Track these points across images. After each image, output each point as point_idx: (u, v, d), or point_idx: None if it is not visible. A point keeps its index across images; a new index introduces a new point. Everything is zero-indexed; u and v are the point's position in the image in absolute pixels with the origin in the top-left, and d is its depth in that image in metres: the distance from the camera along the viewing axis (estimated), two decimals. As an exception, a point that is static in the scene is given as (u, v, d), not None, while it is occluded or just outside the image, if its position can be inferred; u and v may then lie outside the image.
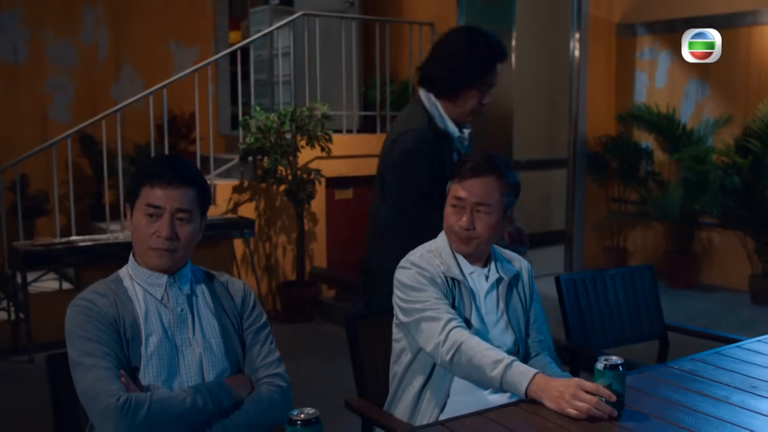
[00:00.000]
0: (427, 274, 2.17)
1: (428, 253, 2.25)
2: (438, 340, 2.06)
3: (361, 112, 6.90)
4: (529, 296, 2.32)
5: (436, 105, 2.78)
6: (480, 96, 2.76)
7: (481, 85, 2.74)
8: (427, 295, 2.14)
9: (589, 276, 3.09)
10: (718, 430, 1.79)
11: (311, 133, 5.67)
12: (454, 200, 2.20)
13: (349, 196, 6.54)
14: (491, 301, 2.24)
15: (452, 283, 2.19)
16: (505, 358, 1.96)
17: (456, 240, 2.22)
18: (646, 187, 6.97)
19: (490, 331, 2.20)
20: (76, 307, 1.89)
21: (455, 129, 2.79)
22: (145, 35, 6.62)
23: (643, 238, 7.20)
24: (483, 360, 1.98)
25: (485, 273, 2.25)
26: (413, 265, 2.20)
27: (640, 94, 7.13)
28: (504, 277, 2.25)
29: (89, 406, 1.78)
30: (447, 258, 2.23)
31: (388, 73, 6.75)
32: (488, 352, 1.99)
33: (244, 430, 1.92)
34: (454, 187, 2.21)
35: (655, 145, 6.88)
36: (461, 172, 2.20)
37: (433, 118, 2.77)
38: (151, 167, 1.92)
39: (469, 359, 2.00)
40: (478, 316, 2.20)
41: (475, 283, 2.24)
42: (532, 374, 1.92)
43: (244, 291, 2.09)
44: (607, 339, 3.00)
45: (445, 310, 2.11)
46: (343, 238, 6.48)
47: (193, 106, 6.08)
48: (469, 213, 2.18)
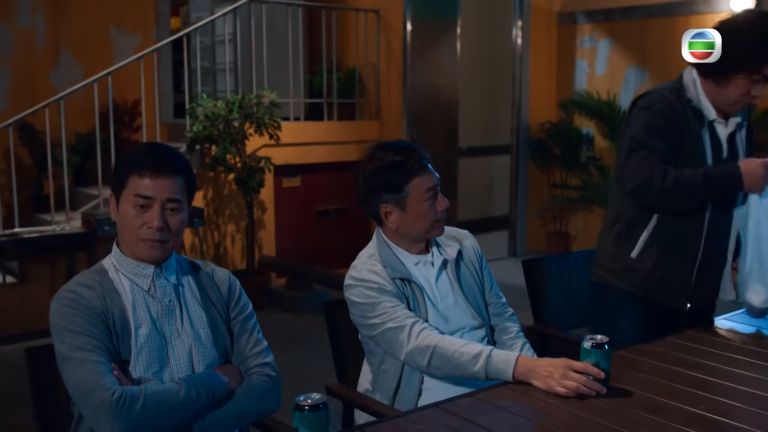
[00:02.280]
0: (374, 285, 2.17)
1: (368, 259, 2.25)
2: (409, 348, 2.09)
3: (308, 99, 6.87)
4: (478, 265, 2.36)
5: (695, 80, 2.51)
6: (749, 85, 2.42)
7: (753, 73, 2.41)
8: (382, 307, 2.14)
9: (554, 258, 3.17)
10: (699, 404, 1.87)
11: (260, 121, 5.62)
12: (429, 192, 2.19)
13: (297, 183, 6.51)
14: (444, 284, 2.27)
15: (402, 284, 2.20)
16: (482, 351, 2.00)
17: (438, 227, 2.25)
18: (587, 172, 7.13)
19: (450, 314, 2.23)
20: (61, 300, 1.84)
21: (711, 110, 2.48)
22: (85, 21, 6.43)
23: (585, 222, 7.37)
24: (461, 358, 2.01)
25: (430, 260, 2.28)
26: (357, 281, 2.20)
27: (581, 81, 7.28)
28: (448, 258, 2.29)
29: (82, 402, 1.73)
30: (388, 258, 2.23)
31: (335, 60, 6.72)
32: (464, 349, 2.02)
33: (236, 420, 1.91)
34: (421, 183, 2.19)
35: (595, 131, 7.05)
36: (415, 171, 2.19)
37: (686, 89, 2.50)
38: (138, 156, 1.88)
39: (446, 361, 2.04)
40: (433, 304, 2.22)
41: (423, 272, 2.26)
42: (515, 358, 1.97)
43: (230, 281, 2.07)
44: (574, 319, 3.07)
45: (405, 316, 2.12)
46: (292, 226, 6.45)
47: (135, 94, 5.97)
48: (440, 194, 2.22)
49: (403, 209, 2.20)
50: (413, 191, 2.18)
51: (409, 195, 2.18)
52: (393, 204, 2.21)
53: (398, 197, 2.19)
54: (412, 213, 2.20)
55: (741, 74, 2.41)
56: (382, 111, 6.99)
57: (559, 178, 7.37)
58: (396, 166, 2.18)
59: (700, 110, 2.48)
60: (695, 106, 2.48)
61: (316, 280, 5.87)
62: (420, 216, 2.20)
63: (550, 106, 7.47)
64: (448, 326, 2.21)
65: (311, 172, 6.56)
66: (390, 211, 2.22)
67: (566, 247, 7.34)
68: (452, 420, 1.77)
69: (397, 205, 2.20)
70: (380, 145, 2.25)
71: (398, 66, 6.86)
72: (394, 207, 2.21)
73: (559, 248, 7.23)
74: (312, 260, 6.30)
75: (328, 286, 5.80)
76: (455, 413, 1.81)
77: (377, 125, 6.96)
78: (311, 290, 5.91)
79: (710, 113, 2.48)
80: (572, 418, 1.80)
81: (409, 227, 2.23)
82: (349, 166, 6.80)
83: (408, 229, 2.23)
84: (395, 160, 2.18)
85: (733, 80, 2.43)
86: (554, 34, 7.46)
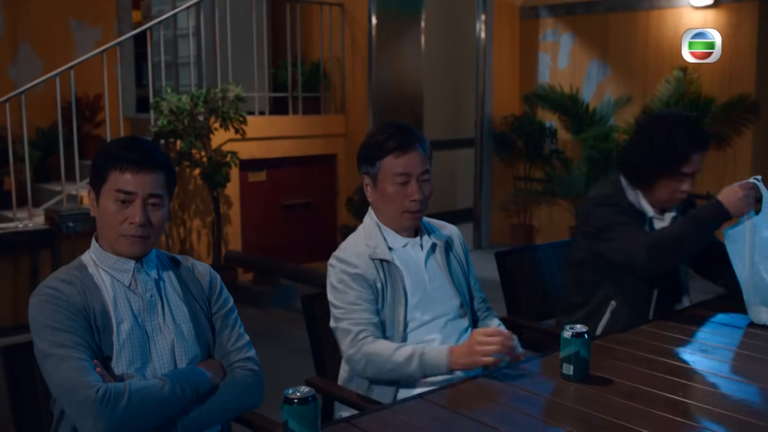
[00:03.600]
0: (352, 269, 2.20)
1: (357, 238, 2.30)
2: (347, 355, 2.17)
3: (272, 93, 6.83)
4: (464, 259, 2.42)
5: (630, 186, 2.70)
6: (675, 184, 2.58)
7: (675, 173, 2.56)
8: (347, 300, 2.18)
9: (525, 250, 3.21)
10: (677, 390, 1.92)
11: (225, 115, 5.58)
12: (401, 176, 2.21)
13: (263, 178, 6.48)
14: (432, 267, 2.30)
15: (380, 265, 2.22)
16: (414, 350, 2.06)
17: (409, 217, 2.25)
18: (550, 165, 7.22)
19: (437, 297, 2.27)
20: (41, 296, 1.81)
21: (649, 209, 2.66)
22: (44, 13, 6.30)
23: (549, 215, 7.46)
24: (395, 361, 2.07)
25: (419, 242, 2.31)
26: (339, 261, 2.24)
27: (544, 74, 7.36)
28: (437, 242, 2.33)
29: (65, 399, 1.71)
30: (374, 238, 2.27)
31: (299, 54, 6.70)
32: (397, 353, 2.08)
33: (219, 415, 1.91)
34: (393, 164, 2.20)
35: (558, 124, 7.13)
36: (391, 150, 2.21)
37: (626, 192, 2.68)
38: (118, 151, 1.85)
39: (381, 366, 2.09)
40: (420, 285, 2.25)
41: (411, 254, 2.29)
42: (446, 349, 2.03)
43: (210, 275, 2.06)
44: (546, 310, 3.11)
45: (357, 321, 2.16)
46: (258, 221, 6.42)
47: (97, 88, 5.89)
48: (416, 184, 2.22)
49: (375, 185, 2.27)
50: (383, 169, 2.23)
51: (380, 171, 2.24)
52: (370, 178, 2.28)
53: (372, 172, 2.26)
54: (380, 191, 2.25)
55: (664, 177, 2.58)
56: (348, 105, 6.99)
57: (522, 171, 7.45)
58: (378, 142, 2.25)
59: (640, 210, 2.65)
60: (636, 207, 2.64)
61: (283, 275, 5.85)
62: (387, 197, 2.24)
63: (513, 99, 7.53)
64: (435, 310, 2.24)
65: (276, 166, 6.53)
66: (368, 183, 2.30)
67: (530, 239, 7.42)
68: (436, 410, 1.79)
69: (372, 180, 2.27)
70: (385, 123, 2.37)
71: (363, 60, 6.86)
72: (370, 180, 2.28)
73: (523, 240, 7.31)
74: (278, 255, 6.28)
75: (295, 280, 5.78)
76: (438, 404, 1.83)
77: (342, 119, 6.95)
78: (278, 285, 5.89)
79: (648, 211, 2.65)
80: (554, 405, 1.83)
81: (380, 205, 2.28)
82: (315, 160, 6.81)
83: (379, 206, 2.29)
84: (380, 137, 2.25)
85: (659, 184, 2.60)
86: (517, 28, 7.53)
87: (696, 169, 2.58)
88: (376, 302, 2.20)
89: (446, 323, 2.26)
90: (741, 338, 2.34)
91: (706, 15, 6.11)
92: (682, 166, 2.54)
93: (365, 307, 2.18)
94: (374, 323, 2.17)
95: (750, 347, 2.27)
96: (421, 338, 2.21)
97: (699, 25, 6.13)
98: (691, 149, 2.54)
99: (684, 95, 6.12)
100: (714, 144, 6.09)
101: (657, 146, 2.57)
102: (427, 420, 1.74)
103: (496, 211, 7.61)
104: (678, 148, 2.54)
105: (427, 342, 2.20)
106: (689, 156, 2.54)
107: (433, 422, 1.72)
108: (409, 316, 2.22)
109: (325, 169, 6.89)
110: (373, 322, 2.17)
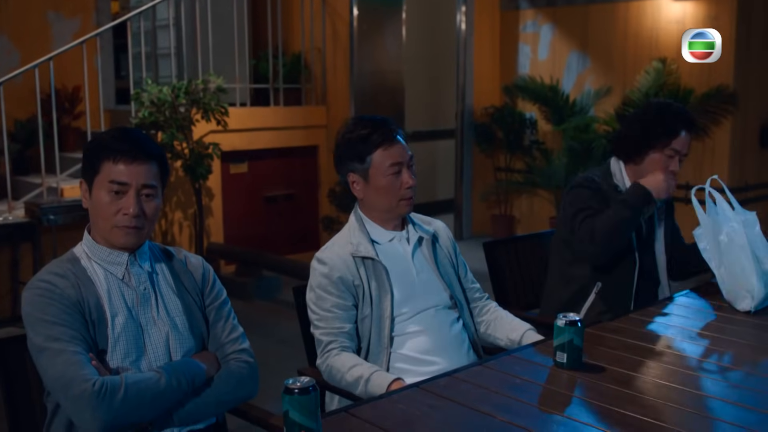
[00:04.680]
0: (331, 272, 2.22)
1: (341, 237, 2.31)
2: (318, 362, 2.22)
3: (253, 85, 6.80)
4: (452, 251, 2.44)
5: (620, 167, 2.81)
6: (665, 161, 2.70)
7: (664, 148, 2.69)
8: (322, 305, 2.21)
9: (511, 240, 3.23)
10: (669, 376, 1.94)
11: (207, 106, 5.54)
12: (393, 167, 2.23)
13: (245, 170, 6.45)
14: (420, 260, 2.32)
15: (361, 263, 2.23)
16: (362, 374, 2.09)
17: (405, 204, 2.28)
18: (531, 155, 7.25)
19: (426, 289, 2.28)
20: (35, 290, 1.80)
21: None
22: (22, 4, 6.21)
23: (530, 205, 7.50)
24: (347, 380, 2.12)
25: (405, 235, 2.33)
26: (319, 262, 2.26)
27: (524, 66, 7.39)
28: (423, 236, 2.34)
29: (62, 393, 1.70)
30: (358, 236, 2.28)
31: (280, 45, 6.67)
32: (349, 373, 2.12)
33: (214, 407, 1.91)
34: (384, 157, 2.22)
35: (539, 115, 7.16)
36: (379, 143, 2.23)
37: (613, 175, 2.80)
38: (111, 142, 1.84)
39: (338, 381, 2.15)
40: (407, 279, 2.27)
41: (398, 248, 2.31)
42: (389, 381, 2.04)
43: (203, 267, 2.06)
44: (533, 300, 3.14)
45: (330, 329, 2.20)
46: (239, 213, 6.40)
47: (75, 80, 5.82)
48: (407, 172, 2.25)
49: (367, 180, 2.26)
50: (375, 163, 2.23)
51: (371, 166, 2.24)
52: (358, 174, 2.27)
53: (362, 168, 2.25)
54: (374, 185, 2.25)
55: (654, 151, 2.70)
56: (329, 96, 6.97)
57: (503, 162, 7.48)
58: (362, 138, 2.24)
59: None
60: (621, 190, 2.74)
61: (266, 266, 5.84)
62: (382, 189, 2.25)
63: (493, 90, 7.55)
64: (423, 302, 2.25)
65: (258, 158, 6.50)
66: (356, 180, 2.29)
67: (511, 230, 7.46)
68: (433, 399, 1.80)
69: (361, 176, 2.27)
70: (356, 118, 2.35)
71: (344, 51, 6.84)
72: (359, 177, 2.27)
73: (504, 231, 7.34)
74: (260, 247, 6.27)
75: (278, 271, 5.77)
76: (435, 392, 1.84)
77: (324, 110, 6.94)
78: (261, 276, 5.88)
79: None
80: (549, 393, 1.85)
81: (373, 199, 2.28)
82: (296, 152, 6.79)
83: (372, 201, 2.28)
84: (362, 133, 2.24)
85: (649, 159, 2.71)
86: (497, 20, 7.54)
87: (684, 150, 2.71)
88: (354, 307, 2.23)
89: (435, 315, 2.27)
90: (726, 325, 2.38)
91: (685, 6, 6.16)
92: (672, 140, 2.67)
93: (338, 315, 2.21)
94: (345, 332, 2.21)
95: (735, 333, 2.30)
96: (407, 330, 2.23)
97: (678, 17, 6.19)
98: (681, 126, 2.68)
99: (663, 86, 6.18)
100: (693, 134, 6.15)
101: (649, 121, 2.71)
102: (425, 408, 1.75)
103: (477, 202, 7.64)
104: (669, 123, 2.68)
105: (411, 334, 2.23)
106: (679, 131, 2.68)
107: (431, 411, 1.74)
108: (396, 310, 2.23)
109: (307, 161, 6.88)
110: (344, 331, 2.21)
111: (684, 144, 2.70)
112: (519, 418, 1.69)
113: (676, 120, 2.68)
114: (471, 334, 2.35)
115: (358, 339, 2.24)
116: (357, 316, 2.23)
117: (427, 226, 2.41)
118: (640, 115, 2.80)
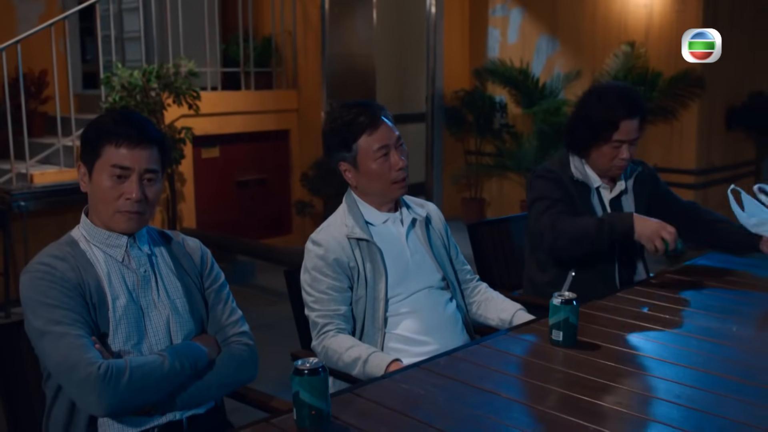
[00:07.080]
0: (326, 254, 2.22)
1: (336, 218, 2.31)
2: (314, 343, 2.23)
3: (224, 68, 6.73)
4: (444, 233, 2.46)
5: (575, 158, 2.77)
6: (613, 152, 2.65)
7: (608, 140, 2.63)
8: (318, 287, 2.22)
9: (496, 222, 3.28)
10: (662, 352, 2.00)
11: (179, 90, 5.48)
12: (381, 150, 2.23)
13: (216, 154, 6.41)
14: (413, 241, 2.34)
15: (356, 245, 2.24)
16: (360, 355, 2.10)
17: (398, 187, 2.28)
18: (501, 139, 7.31)
19: (420, 270, 2.30)
20: (34, 273, 1.78)
21: (596, 179, 2.74)
22: (-15, -14, 6.08)
23: (500, 188, 7.57)
24: (344, 360, 2.12)
25: (399, 217, 2.34)
26: (314, 244, 2.26)
27: (494, 49, 7.43)
28: (417, 217, 2.36)
29: (65, 377, 1.69)
30: (352, 217, 2.28)
31: (251, 28, 6.61)
32: (347, 353, 2.12)
33: (215, 389, 1.91)
34: (370, 141, 2.22)
35: (509, 99, 7.22)
36: (363, 129, 2.23)
37: (571, 163, 2.75)
38: (114, 126, 1.82)
39: (335, 362, 2.15)
40: (401, 260, 2.28)
41: (392, 230, 2.32)
42: (388, 361, 2.05)
43: (201, 250, 2.06)
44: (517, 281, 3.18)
45: (326, 311, 2.20)
46: (211, 198, 6.36)
47: (42, 64, 5.71)
48: (396, 153, 2.25)
49: (357, 168, 2.26)
50: (362, 149, 2.23)
51: (359, 152, 2.23)
52: (348, 162, 2.27)
53: (350, 155, 2.25)
54: (364, 171, 2.25)
55: (600, 145, 2.65)
56: (300, 80, 6.93)
57: (473, 146, 7.53)
58: (345, 124, 2.24)
59: (584, 182, 2.73)
60: (577, 179, 2.72)
61: (240, 251, 5.82)
62: (372, 174, 2.24)
63: (463, 74, 7.58)
64: (416, 283, 2.27)
65: (229, 142, 6.46)
66: (347, 169, 2.28)
67: (481, 213, 7.53)
68: (436, 378, 1.83)
69: (351, 164, 2.26)
70: (340, 105, 2.32)
71: (316, 34, 6.81)
72: (349, 165, 2.27)
73: (474, 214, 7.40)
74: (233, 232, 6.24)
75: (253, 256, 5.76)
76: (436, 371, 1.87)
77: (295, 94, 6.90)
78: (235, 262, 5.85)
79: (595, 181, 2.75)
80: (548, 370, 1.89)
81: (366, 185, 2.28)
82: (268, 136, 6.75)
83: (365, 186, 2.28)
84: (345, 119, 2.24)
85: (595, 152, 2.67)
86: (467, 3, 7.57)
87: (630, 137, 2.64)
88: (349, 289, 2.24)
89: (428, 295, 2.29)
90: (716, 302, 2.44)
91: (653, -10, 6.25)
92: (612, 133, 2.61)
93: (334, 297, 2.22)
94: (341, 314, 2.21)
95: (725, 310, 2.36)
96: (401, 310, 2.25)
97: (646, 1, 6.27)
98: (621, 117, 2.60)
99: (632, 69, 6.26)
100: (661, 117, 6.26)
101: (589, 116, 2.65)
102: (428, 387, 1.77)
103: (448, 185, 7.68)
104: (608, 116, 2.60)
105: (404, 315, 2.25)
106: (619, 123, 2.60)
107: (435, 389, 1.76)
108: (390, 292, 2.25)
109: (279, 145, 6.84)
110: (340, 313, 2.21)
111: (628, 132, 2.62)
112: (523, 394, 1.72)
113: (615, 110, 2.60)
114: (463, 314, 2.38)
115: (353, 320, 2.25)
116: (352, 298, 2.24)
117: (419, 208, 2.42)
118: (581, 110, 2.72)
